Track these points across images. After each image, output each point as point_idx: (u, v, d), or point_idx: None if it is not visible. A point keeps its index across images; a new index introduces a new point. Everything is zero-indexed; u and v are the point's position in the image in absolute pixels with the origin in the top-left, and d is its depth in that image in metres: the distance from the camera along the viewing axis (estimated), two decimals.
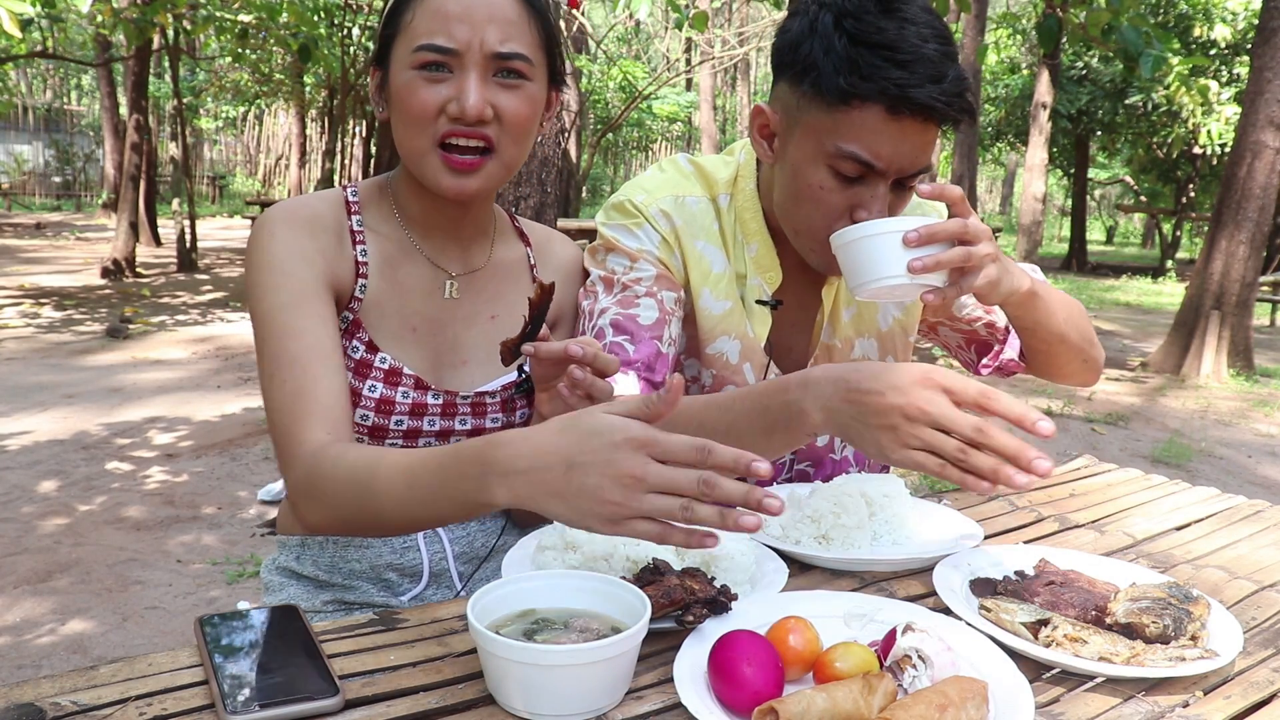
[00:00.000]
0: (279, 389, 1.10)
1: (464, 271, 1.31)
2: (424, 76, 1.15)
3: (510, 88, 1.17)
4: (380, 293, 1.24)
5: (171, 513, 4.01)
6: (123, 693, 0.81)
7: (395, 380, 1.23)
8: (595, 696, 0.80)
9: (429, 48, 1.14)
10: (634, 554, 1.04)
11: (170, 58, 12.19)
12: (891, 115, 1.16)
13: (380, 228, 1.27)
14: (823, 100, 1.19)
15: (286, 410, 1.08)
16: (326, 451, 1.04)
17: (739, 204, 1.41)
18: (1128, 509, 1.45)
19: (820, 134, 1.21)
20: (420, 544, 1.31)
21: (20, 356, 6.91)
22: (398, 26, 1.17)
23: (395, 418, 1.24)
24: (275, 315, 1.13)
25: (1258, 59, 7.62)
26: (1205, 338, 7.96)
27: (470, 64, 1.15)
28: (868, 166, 1.20)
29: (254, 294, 1.17)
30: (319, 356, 1.11)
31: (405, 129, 1.18)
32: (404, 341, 1.25)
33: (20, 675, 2.69)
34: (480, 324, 1.31)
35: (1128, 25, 4.16)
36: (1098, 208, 32.40)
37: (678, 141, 30.35)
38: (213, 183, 26.22)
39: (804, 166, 1.24)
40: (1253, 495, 1.65)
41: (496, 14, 1.15)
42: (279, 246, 1.17)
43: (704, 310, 1.40)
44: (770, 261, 1.40)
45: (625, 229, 1.38)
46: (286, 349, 1.11)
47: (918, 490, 1.65)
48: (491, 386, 1.29)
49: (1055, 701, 0.87)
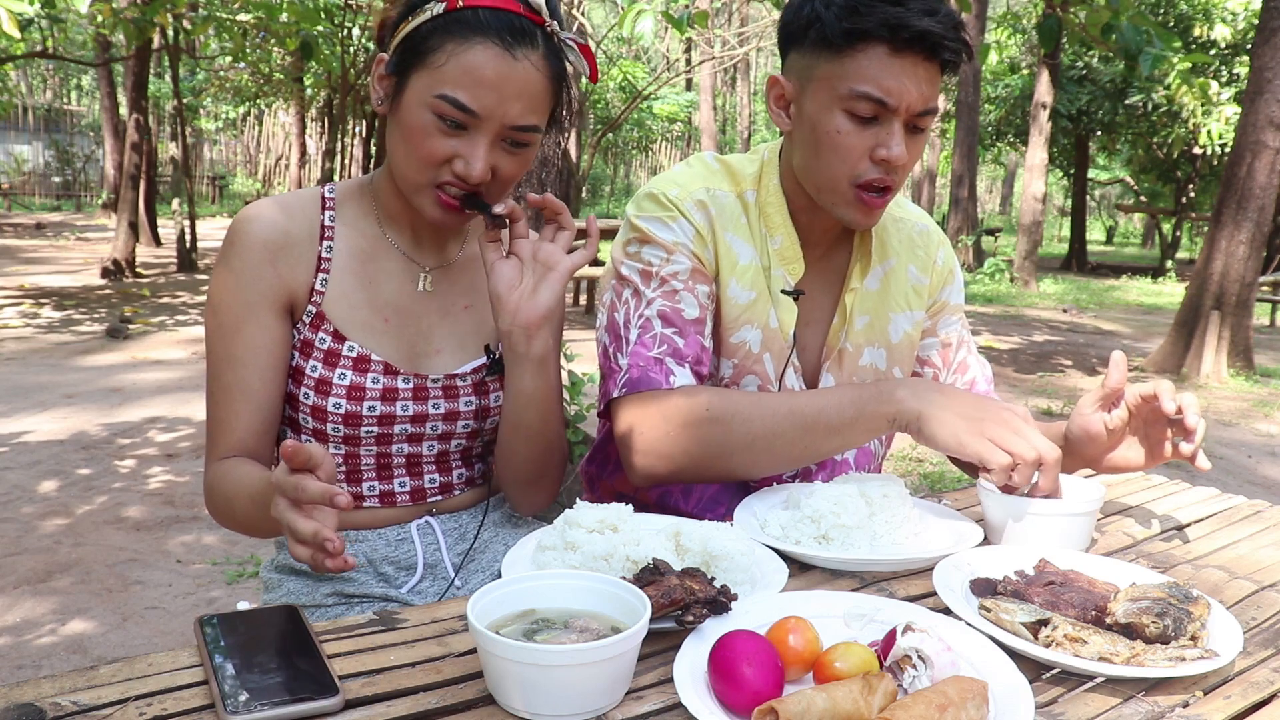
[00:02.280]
0: (210, 409, 1.27)
1: (438, 265, 1.35)
2: (439, 127, 1.17)
3: (513, 153, 1.21)
4: (348, 286, 1.28)
5: (171, 513, 4.01)
6: (123, 693, 0.81)
7: (364, 367, 1.27)
8: (595, 696, 0.80)
9: (453, 102, 1.15)
10: (634, 554, 1.04)
11: (170, 58, 12.20)
12: (894, 51, 1.24)
13: (356, 223, 1.31)
14: (830, 49, 1.27)
15: (210, 431, 1.27)
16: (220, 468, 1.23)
17: (763, 198, 1.44)
18: (1128, 509, 1.46)
19: (832, 81, 1.28)
20: (414, 536, 1.34)
21: (20, 356, 6.91)
22: (426, 55, 1.16)
23: (367, 404, 1.27)
24: (217, 336, 1.25)
25: (1258, 59, 7.62)
26: (1205, 338, 7.96)
27: (486, 131, 1.17)
28: (880, 104, 1.26)
29: (209, 302, 1.28)
30: (241, 390, 1.24)
31: (406, 159, 1.21)
32: (375, 331, 1.29)
33: (20, 675, 2.70)
34: (454, 314, 1.35)
35: (1128, 24, 4.16)
36: (1098, 208, 32.42)
37: (678, 141, 30.37)
38: (213, 183, 26.23)
39: (821, 117, 1.30)
40: (1253, 495, 1.65)
41: (525, 89, 1.17)
42: (235, 260, 1.25)
43: (730, 300, 1.42)
44: (794, 253, 1.43)
45: (660, 221, 1.39)
46: (220, 376, 1.25)
47: (918, 490, 1.65)
48: (463, 370, 1.33)
49: (1055, 701, 0.87)
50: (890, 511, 1.22)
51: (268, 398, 1.25)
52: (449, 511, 1.38)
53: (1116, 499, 1.49)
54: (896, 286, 1.50)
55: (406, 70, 1.19)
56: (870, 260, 1.47)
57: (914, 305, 1.52)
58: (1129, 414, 1.32)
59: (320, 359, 1.26)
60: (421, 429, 1.30)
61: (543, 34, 1.19)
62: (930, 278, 1.54)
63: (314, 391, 1.25)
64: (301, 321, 1.27)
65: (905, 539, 1.22)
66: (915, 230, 1.55)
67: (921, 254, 1.54)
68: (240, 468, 1.20)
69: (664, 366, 1.33)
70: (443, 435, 1.33)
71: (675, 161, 27.66)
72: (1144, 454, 1.35)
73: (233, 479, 1.19)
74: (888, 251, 1.50)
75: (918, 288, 1.52)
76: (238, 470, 1.20)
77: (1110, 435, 1.33)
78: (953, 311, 1.58)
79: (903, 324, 1.51)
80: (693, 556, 1.05)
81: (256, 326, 1.24)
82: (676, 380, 1.33)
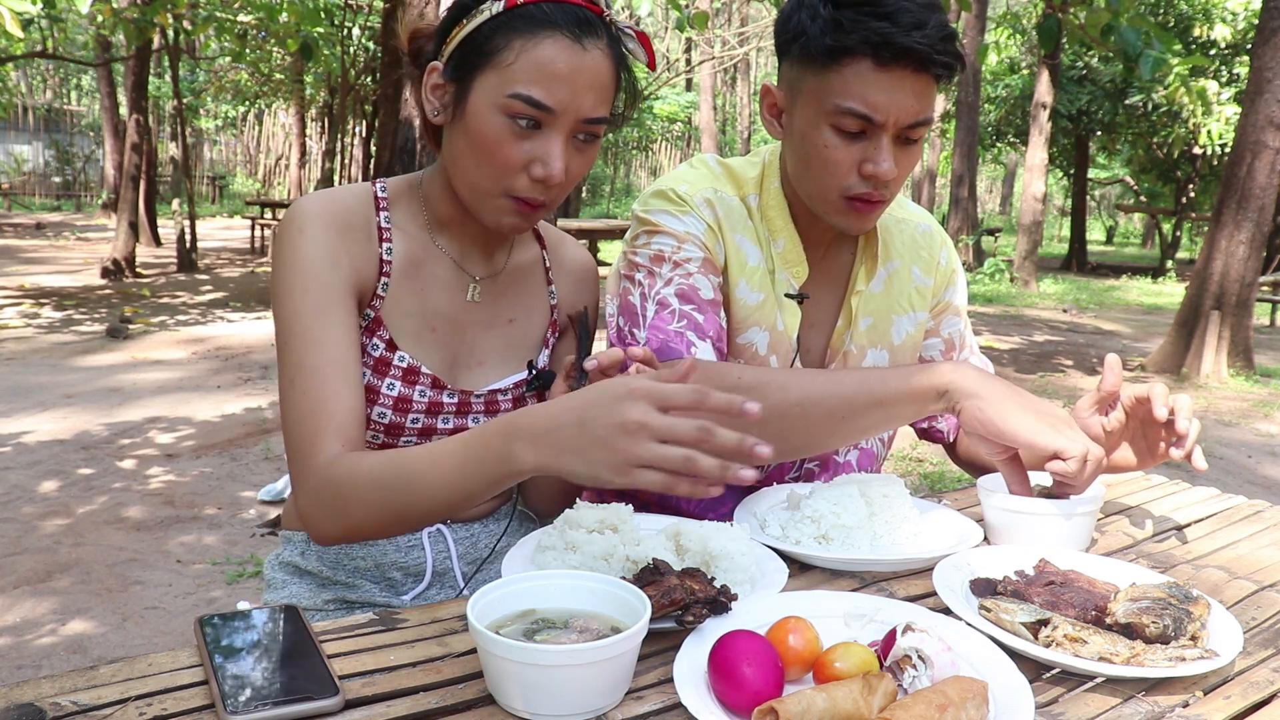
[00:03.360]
0: (298, 398, 1.12)
1: (486, 274, 1.32)
2: (514, 129, 1.13)
3: (583, 149, 1.18)
4: (403, 291, 1.24)
5: (172, 513, 4.01)
6: (123, 693, 0.81)
7: (413, 379, 1.24)
8: (595, 696, 0.80)
9: (528, 100, 1.11)
10: (634, 554, 1.04)
11: (170, 58, 12.20)
12: (880, 66, 1.21)
13: (406, 226, 1.27)
14: (816, 63, 1.25)
15: (303, 423, 1.11)
16: (341, 461, 1.07)
17: (765, 202, 1.44)
18: (1128, 509, 1.45)
19: (819, 96, 1.26)
20: (425, 543, 1.31)
21: (20, 356, 6.91)
22: (491, 56, 1.13)
23: (411, 415, 1.25)
24: (299, 320, 1.14)
25: (1258, 59, 7.62)
26: (1205, 338, 7.96)
27: (562, 127, 1.14)
28: (866, 119, 1.24)
29: (279, 291, 1.17)
30: (337, 370, 1.13)
31: (478, 168, 1.16)
32: (423, 341, 1.26)
33: (20, 675, 2.70)
34: (499, 327, 1.33)
35: (1127, 25, 4.16)
36: (1098, 208, 32.41)
37: (678, 141, 30.37)
38: (213, 183, 26.23)
39: (809, 131, 1.29)
40: (1253, 495, 1.65)
41: (597, 80, 1.14)
42: (308, 245, 1.17)
43: (739, 300, 1.41)
44: (796, 256, 1.42)
45: (670, 214, 1.39)
46: (307, 359, 1.13)
47: (918, 490, 1.65)
48: (504, 384, 1.31)
49: (1055, 701, 0.87)
50: (890, 511, 1.22)
51: (361, 384, 1.15)
52: (462, 521, 1.35)
53: (1116, 499, 1.49)
54: (900, 288, 1.50)
55: (469, 74, 1.14)
56: (875, 263, 1.47)
57: (917, 307, 1.52)
58: (1125, 416, 1.32)
59: (370, 365, 1.22)
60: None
61: (603, 23, 1.16)
62: (934, 279, 1.54)
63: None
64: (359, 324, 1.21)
65: (905, 539, 1.22)
66: (919, 231, 1.55)
67: (925, 255, 1.54)
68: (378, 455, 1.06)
69: (685, 339, 1.32)
70: None
71: (675, 161, 27.60)
72: (1141, 454, 1.34)
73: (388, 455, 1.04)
74: (891, 253, 1.50)
75: (921, 289, 1.52)
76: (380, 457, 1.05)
77: (1109, 437, 1.33)
78: (955, 312, 1.58)
79: (905, 326, 1.51)
80: (693, 556, 1.05)
81: (341, 308, 1.15)
82: (698, 353, 1.31)
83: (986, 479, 1.31)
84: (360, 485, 1.05)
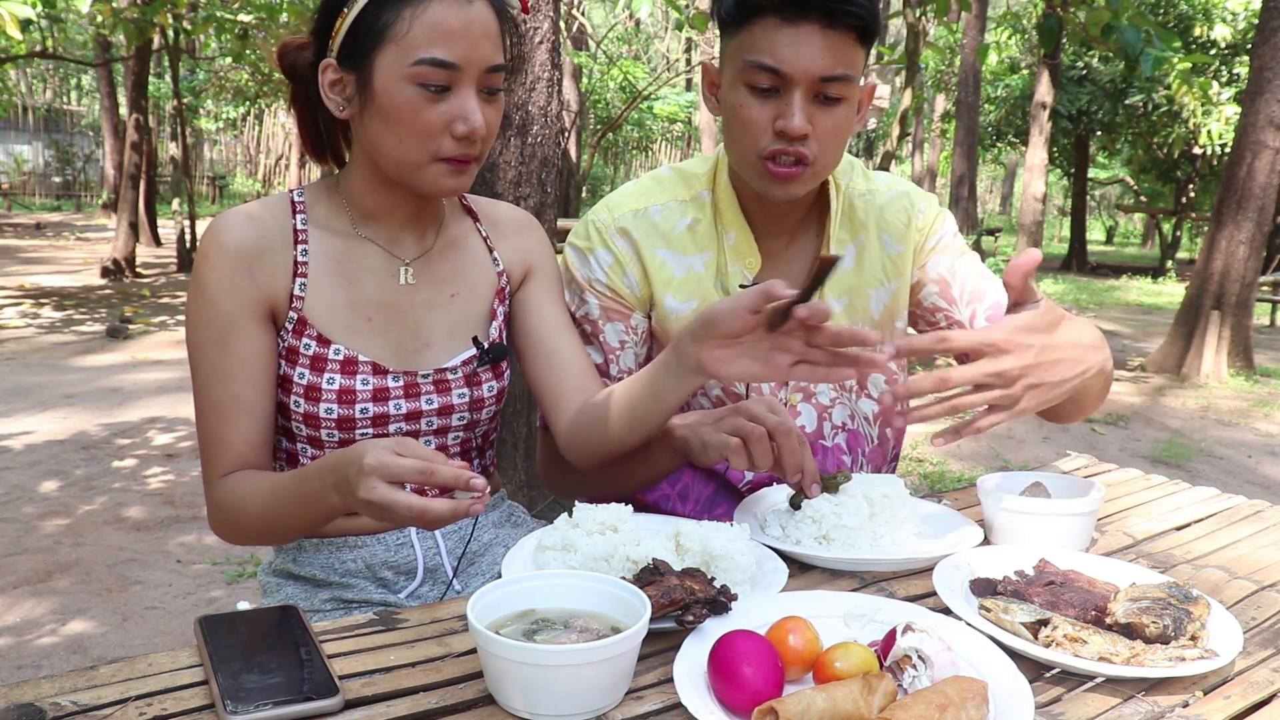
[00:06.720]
0: (204, 425, 1.24)
1: (417, 255, 1.33)
2: (426, 96, 1.15)
3: (491, 101, 1.21)
4: (326, 288, 1.26)
5: (171, 513, 4.01)
6: (123, 693, 0.81)
7: (352, 369, 1.26)
8: (595, 696, 0.80)
9: (434, 62, 1.14)
10: (634, 554, 1.04)
11: (170, 58, 12.19)
12: (786, 21, 1.24)
13: (329, 224, 1.29)
14: (731, 26, 1.29)
15: (205, 448, 1.24)
16: (228, 483, 1.21)
17: (717, 195, 1.44)
18: (1128, 509, 1.46)
19: (733, 56, 1.30)
20: (414, 541, 1.32)
21: (20, 356, 6.91)
22: (384, 32, 1.15)
23: (359, 406, 1.26)
24: (201, 352, 1.23)
25: (1258, 59, 7.61)
26: (1205, 337, 7.95)
27: (469, 81, 1.17)
28: (774, 73, 1.25)
29: (188, 317, 1.25)
30: (235, 403, 1.22)
31: (401, 143, 1.18)
32: (359, 332, 1.27)
33: (20, 675, 2.70)
34: (441, 305, 1.33)
35: (1128, 25, 4.16)
36: (1098, 208, 32.41)
37: (678, 141, 30.37)
38: (213, 183, 26.21)
39: (729, 94, 1.32)
40: (1253, 495, 1.65)
41: (488, 29, 1.18)
42: (211, 273, 1.22)
43: (670, 314, 1.43)
44: (748, 248, 1.43)
45: (580, 254, 1.46)
46: (211, 390, 1.23)
47: (918, 490, 1.65)
48: (452, 363, 1.31)
49: (1055, 701, 0.87)
50: (890, 511, 1.22)
51: (262, 409, 1.23)
52: None
53: (1116, 499, 1.50)
54: (871, 261, 1.48)
55: (366, 56, 1.16)
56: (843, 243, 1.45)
57: (890, 276, 1.49)
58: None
59: (307, 365, 1.25)
60: (417, 425, 1.30)
61: None
62: (905, 244, 1.49)
63: (304, 399, 1.24)
64: (284, 329, 1.25)
65: (905, 539, 1.22)
66: (885, 199, 1.50)
67: (893, 220, 1.49)
68: (254, 477, 1.19)
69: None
70: (439, 430, 1.32)
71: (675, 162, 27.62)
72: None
73: (250, 487, 1.18)
74: (857, 227, 1.48)
75: (894, 257, 1.49)
76: (252, 480, 1.19)
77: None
78: (941, 251, 1.51)
79: (882, 298, 1.49)
80: (693, 556, 1.05)
81: (241, 338, 1.22)
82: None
83: (987, 479, 1.31)
84: (245, 506, 1.18)
